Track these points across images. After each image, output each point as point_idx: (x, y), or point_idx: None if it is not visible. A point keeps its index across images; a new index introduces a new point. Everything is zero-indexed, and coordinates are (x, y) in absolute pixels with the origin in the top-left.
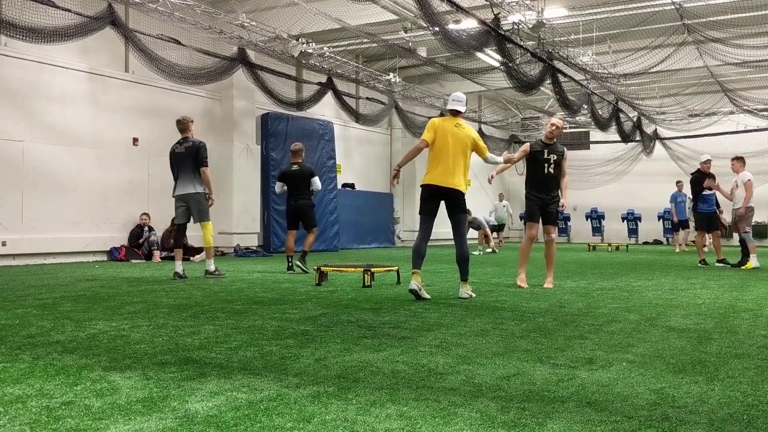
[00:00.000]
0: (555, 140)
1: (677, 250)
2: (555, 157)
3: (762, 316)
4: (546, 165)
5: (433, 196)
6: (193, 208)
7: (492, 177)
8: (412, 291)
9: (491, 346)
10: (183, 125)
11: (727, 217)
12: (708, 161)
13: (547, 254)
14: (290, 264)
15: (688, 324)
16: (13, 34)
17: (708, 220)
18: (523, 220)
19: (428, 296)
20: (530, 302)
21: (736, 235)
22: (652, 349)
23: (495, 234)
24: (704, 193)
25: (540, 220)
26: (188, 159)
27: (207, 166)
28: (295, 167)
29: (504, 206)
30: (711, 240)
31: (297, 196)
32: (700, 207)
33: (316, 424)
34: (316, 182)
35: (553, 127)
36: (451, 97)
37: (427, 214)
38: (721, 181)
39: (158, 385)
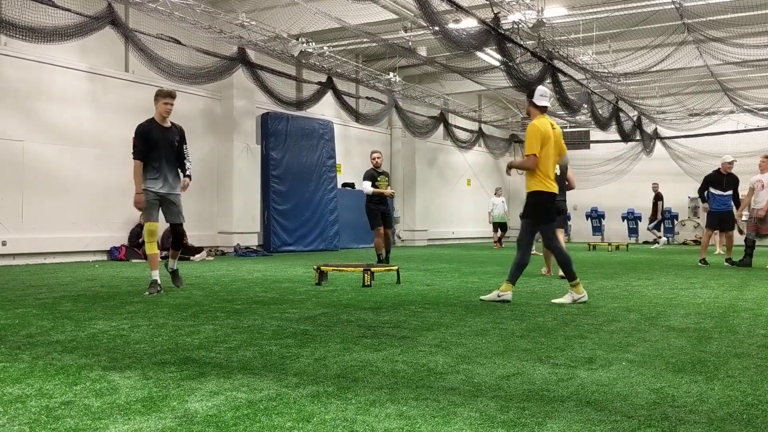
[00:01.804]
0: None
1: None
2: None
3: (762, 315)
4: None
5: (551, 203)
6: None
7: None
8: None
9: (491, 345)
10: None
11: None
12: (731, 162)
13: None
14: (380, 259)
15: (687, 323)
16: (13, 33)
17: (720, 218)
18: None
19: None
20: (530, 302)
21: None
22: (652, 348)
23: (498, 233)
24: (715, 192)
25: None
26: None
27: (133, 157)
28: (381, 174)
29: (502, 202)
30: (723, 239)
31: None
32: (713, 206)
33: (316, 424)
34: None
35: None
36: (539, 92)
37: (540, 222)
38: (746, 180)
39: (158, 384)
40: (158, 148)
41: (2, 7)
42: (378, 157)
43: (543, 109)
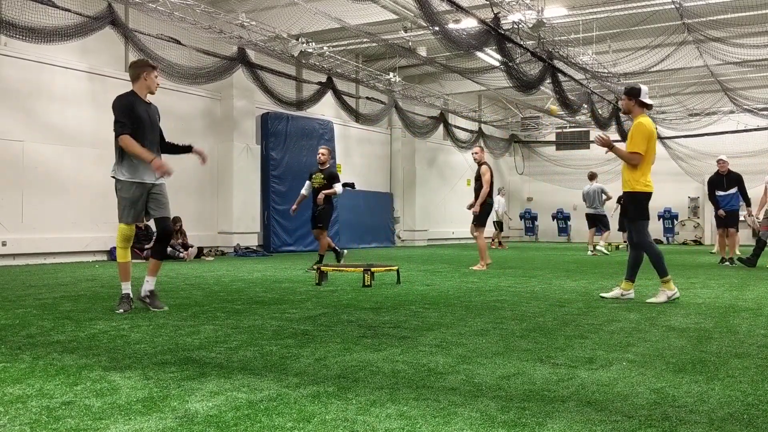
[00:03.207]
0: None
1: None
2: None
3: (762, 315)
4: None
5: (648, 201)
6: None
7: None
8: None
9: (491, 345)
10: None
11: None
12: (722, 161)
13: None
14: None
15: (688, 323)
16: (13, 34)
17: (726, 217)
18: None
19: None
20: (530, 302)
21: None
22: (652, 348)
23: (495, 232)
24: (719, 193)
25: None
26: None
27: (119, 132)
28: (318, 171)
29: (503, 201)
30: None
31: None
32: (721, 206)
33: (316, 424)
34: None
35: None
36: (644, 91)
37: (648, 219)
38: (747, 179)
39: (158, 384)
40: (143, 126)
41: (2, 7)
42: (323, 154)
43: (649, 107)
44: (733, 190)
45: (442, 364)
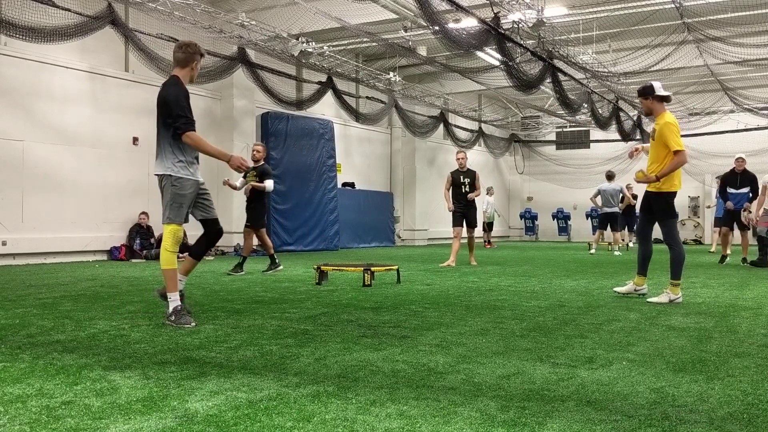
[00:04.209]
0: None
1: (714, 249)
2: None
3: (762, 315)
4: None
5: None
6: (162, 199)
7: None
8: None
9: (491, 345)
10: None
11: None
12: (741, 159)
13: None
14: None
15: (688, 323)
16: (13, 33)
17: (733, 216)
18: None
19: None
20: (530, 301)
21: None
22: (653, 348)
23: (483, 232)
24: (731, 190)
25: None
26: (157, 115)
27: (186, 128)
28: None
29: (492, 203)
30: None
31: None
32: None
33: (316, 424)
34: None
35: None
36: (658, 85)
37: (671, 218)
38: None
39: (158, 384)
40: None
41: (2, 7)
42: (258, 151)
43: (668, 100)
44: (745, 189)
45: (442, 364)
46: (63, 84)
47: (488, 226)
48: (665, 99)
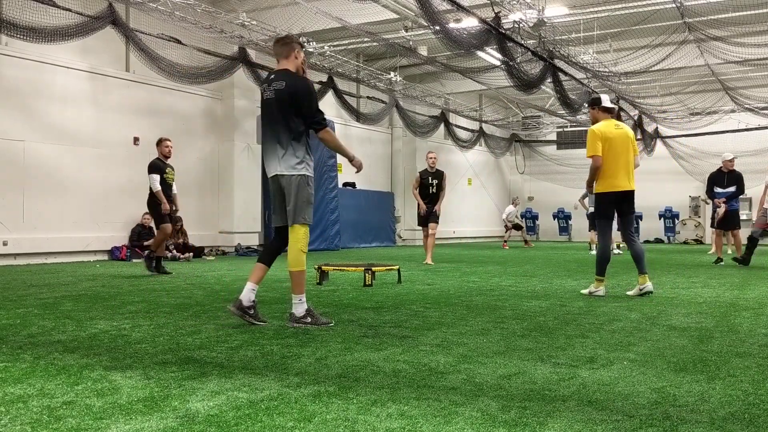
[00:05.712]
0: None
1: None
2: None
3: (763, 314)
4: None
5: (613, 203)
6: (288, 200)
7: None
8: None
9: (492, 345)
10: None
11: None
12: (731, 159)
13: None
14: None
15: (689, 323)
16: (13, 33)
17: (723, 217)
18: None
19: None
20: (531, 301)
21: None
22: (653, 347)
23: (507, 232)
24: (717, 189)
25: None
26: (275, 111)
27: (326, 124)
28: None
29: (513, 212)
30: (730, 237)
31: None
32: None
33: (317, 424)
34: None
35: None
36: (604, 98)
37: (611, 220)
38: (747, 179)
39: (159, 384)
40: None
41: (3, 7)
42: (169, 146)
43: (612, 111)
44: (732, 188)
45: (443, 364)
46: (64, 84)
47: (516, 227)
48: (609, 110)
